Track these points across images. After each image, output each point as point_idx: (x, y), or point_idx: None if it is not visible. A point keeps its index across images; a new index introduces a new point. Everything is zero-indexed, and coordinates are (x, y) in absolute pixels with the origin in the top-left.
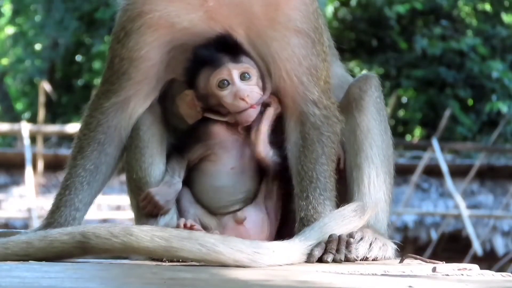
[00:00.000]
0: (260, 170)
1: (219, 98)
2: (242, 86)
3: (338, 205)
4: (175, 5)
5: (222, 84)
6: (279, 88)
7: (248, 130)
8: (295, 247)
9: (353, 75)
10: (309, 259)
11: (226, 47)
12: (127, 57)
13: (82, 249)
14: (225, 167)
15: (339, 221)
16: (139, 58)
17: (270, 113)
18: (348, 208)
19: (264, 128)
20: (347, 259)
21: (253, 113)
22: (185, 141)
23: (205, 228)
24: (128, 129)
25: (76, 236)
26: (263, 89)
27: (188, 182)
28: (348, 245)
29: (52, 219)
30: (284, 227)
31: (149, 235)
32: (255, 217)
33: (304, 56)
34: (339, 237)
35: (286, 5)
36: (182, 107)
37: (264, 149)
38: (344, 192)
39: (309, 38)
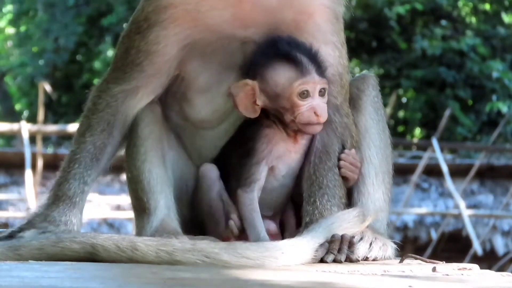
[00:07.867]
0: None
1: (295, 106)
2: (320, 102)
3: None
4: (208, 1)
5: (303, 94)
6: None
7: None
8: (304, 246)
9: (352, 75)
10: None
11: (310, 55)
12: (145, 50)
13: (91, 259)
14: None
15: (343, 223)
16: (156, 52)
17: None
18: (351, 213)
19: None
20: (349, 259)
21: (319, 128)
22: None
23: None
24: (131, 118)
25: (86, 247)
26: None
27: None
28: (350, 245)
29: (60, 192)
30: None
31: (153, 249)
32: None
33: (330, 64)
34: (342, 237)
35: (320, 16)
36: (239, 96)
37: None
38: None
39: (337, 50)
